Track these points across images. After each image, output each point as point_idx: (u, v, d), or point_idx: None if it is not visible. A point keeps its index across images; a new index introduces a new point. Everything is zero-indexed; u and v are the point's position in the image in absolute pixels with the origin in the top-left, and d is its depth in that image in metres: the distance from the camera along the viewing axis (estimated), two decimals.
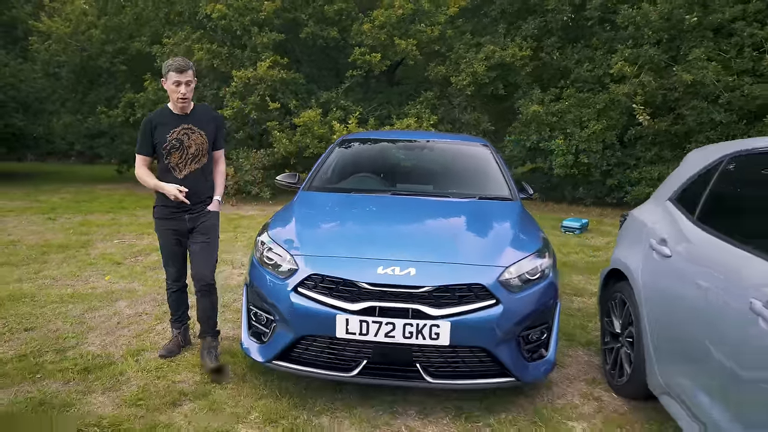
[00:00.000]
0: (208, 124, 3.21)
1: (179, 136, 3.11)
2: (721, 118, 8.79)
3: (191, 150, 3.14)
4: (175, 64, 3.05)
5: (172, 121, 3.12)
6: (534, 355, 2.74)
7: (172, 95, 3.08)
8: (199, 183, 3.19)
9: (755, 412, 1.76)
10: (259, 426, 2.55)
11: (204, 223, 3.20)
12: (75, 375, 3.01)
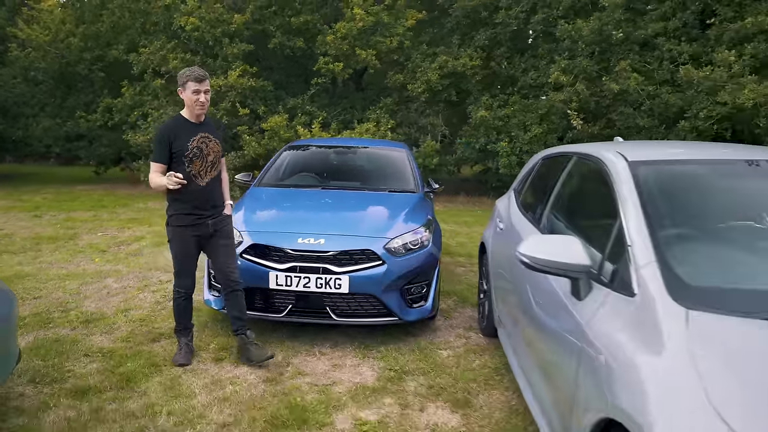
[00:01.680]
0: (218, 133, 3.49)
1: (199, 144, 3.31)
2: (644, 123, 10.11)
3: (210, 158, 3.36)
4: (194, 74, 3.23)
5: (191, 130, 3.30)
6: (415, 303, 3.92)
7: (191, 104, 3.26)
8: (217, 189, 3.46)
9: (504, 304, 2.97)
10: (215, 352, 3.69)
11: (225, 228, 3.48)
12: (78, 324, 4.12)
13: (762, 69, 9.37)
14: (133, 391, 3.13)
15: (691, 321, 1.56)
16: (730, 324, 1.53)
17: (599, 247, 2.19)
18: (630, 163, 2.38)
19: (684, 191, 2.25)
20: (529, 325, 2.67)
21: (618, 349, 1.72)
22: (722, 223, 2.14)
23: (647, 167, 2.34)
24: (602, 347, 1.80)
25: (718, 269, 1.88)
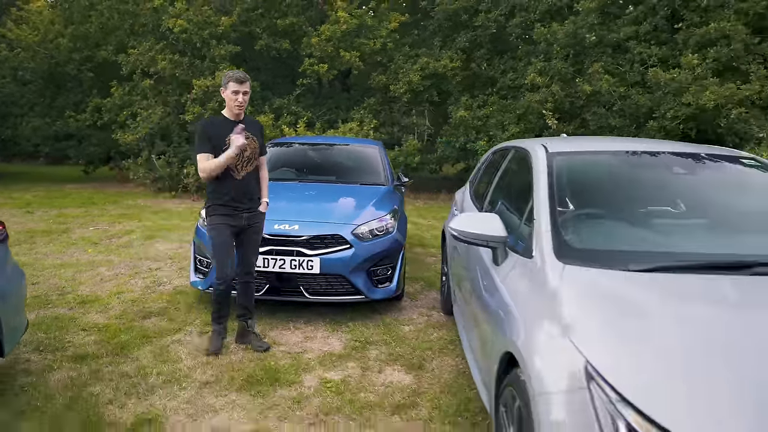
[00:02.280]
0: (257, 131, 3.74)
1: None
2: (616, 123, 10.64)
3: (246, 153, 3.59)
4: (236, 76, 3.53)
5: (228, 126, 3.56)
6: (381, 283, 4.39)
7: (231, 103, 3.55)
8: (252, 183, 3.69)
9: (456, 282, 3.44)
10: (200, 328, 4.15)
11: (257, 224, 3.74)
12: (75, 305, 4.56)
13: (725, 72, 9.95)
14: (127, 357, 3.59)
15: (565, 272, 2.05)
16: (592, 273, 2.02)
17: (518, 222, 2.68)
18: (549, 153, 2.87)
19: (586, 176, 2.75)
20: (469, 294, 3.15)
21: (517, 297, 2.21)
22: (615, 202, 2.63)
23: (561, 157, 2.84)
24: (510, 299, 2.28)
25: (598, 236, 2.38)
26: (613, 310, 1.80)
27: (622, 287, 1.92)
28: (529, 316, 2.03)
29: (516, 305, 2.18)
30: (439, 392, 3.23)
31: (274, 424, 2.87)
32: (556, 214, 2.40)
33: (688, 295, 1.89)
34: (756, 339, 1.63)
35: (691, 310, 1.80)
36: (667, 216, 2.56)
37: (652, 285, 1.94)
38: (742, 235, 2.42)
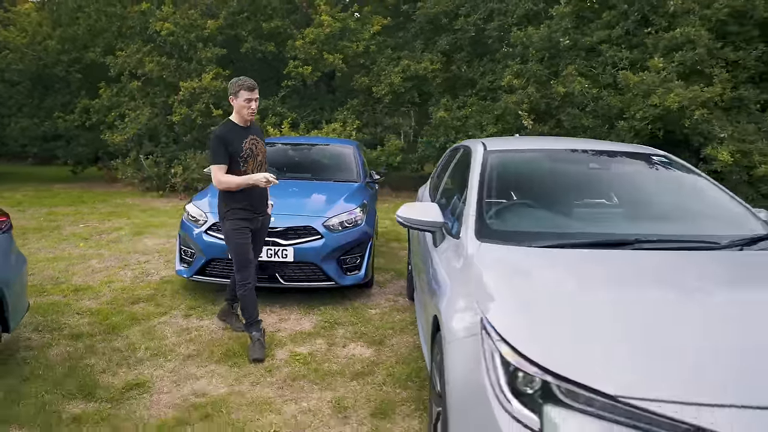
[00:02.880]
0: (262, 136, 3.95)
1: (250, 146, 3.74)
2: (589, 123, 11.18)
3: (259, 158, 3.83)
4: (246, 84, 3.65)
5: (242, 134, 3.72)
6: (350, 271, 4.85)
7: (242, 110, 3.67)
8: (264, 188, 3.87)
9: (415, 269, 3.92)
10: (185, 310, 4.60)
11: (265, 225, 4.03)
12: (69, 293, 4.99)
13: (691, 75, 10.50)
14: (118, 335, 4.03)
15: (480, 249, 2.53)
16: (501, 249, 2.50)
17: (457, 210, 3.16)
18: (486, 151, 3.36)
19: (514, 170, 3.24)
20: (421, 275, 3.63)
21: (447, 271, 2.68)
22: (534, 192, 3.12)
23: (495, 154, 3.32)
24: (442, 274, 2.76)
25: (514, 220, 2.87)
26: (511, 277, 2.28)
27: (522, 259, 2.40)
28: (451, 285, 2.51)
29: (445, 278, 2.66)
30: (394, 363, 3.71)
31: (247, 388, 3.33)
32: (482, 201, 2.87)
33: (573, 264, 2.37)
34: (620, 295, 2.11)
35: (572, 275, 2.28)
36: (578, 204, 3.05)
37: (547, 257, 2.42)
38: (637, 220, 2.92)
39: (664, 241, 2.59)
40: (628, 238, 2.56)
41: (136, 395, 3.19)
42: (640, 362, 1.73)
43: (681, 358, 1.74)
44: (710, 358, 1.75)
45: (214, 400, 3.14)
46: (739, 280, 2.31)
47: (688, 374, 1.69)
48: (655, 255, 2.47)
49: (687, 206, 3.06)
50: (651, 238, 2.59)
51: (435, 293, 2.74)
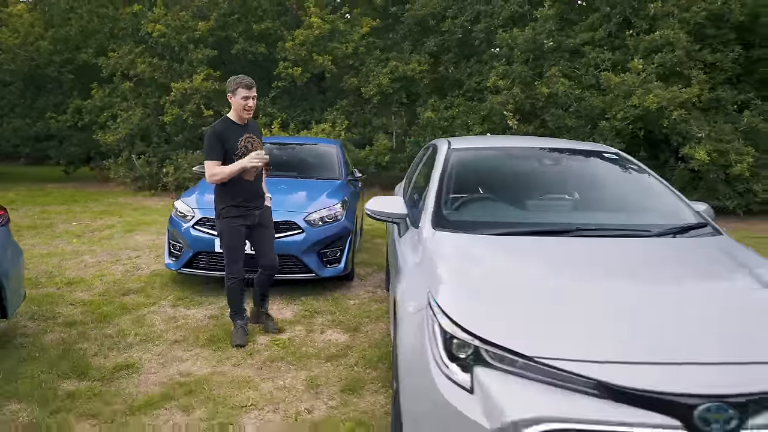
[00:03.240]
0: (258, 133, 4.06)
1: (245, 144, 3.86)
2: (572, 123, 11.50)
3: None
4: (244, 82, 3.74)
5: (238, 131, 3.84)
6: (330, 264, 5.14)
7: (239, 108, 3.78)
8: (260, 183, 4.03)
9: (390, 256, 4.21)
10: (173, 300, 4.88)
11: (267, 219, 4.10)
12: (62, 285, 5.27)
13: (671, 76, 10.84)
14: (109, 323, 4.31)
15: (434, 235, 2.83)
16: (452, 236, 2.79)
17: (420, 203, 3.45)
18: (450, 148, 3.66)
19: (473, 166, 3.55)
20: (391, 264, 3.93)
21: (406, 257, 2.98)
22: (490, 185, 3.42)
23: (458, 151, 3.62)
24: (402, 259, 3.05)
25: (468, 211, 3.18)
26: (457, 260, 2.58)
27: (469, 245, 2.70)
28: (408, 269, 2.80)
29: (404, 263, 2.95)
30: (367, 347, 4.00)
31: (228, 368, 3.61)
32: (441, 194, 3.18)
33: (515, 249, 2.67)
34: (550, 275, 2.42)
35: (512, 258, 2.58)
36: (530, 197, 3.35)
37: (493, 243, 2.72)
38: (583, 211, 3.23)
39: (603, 229, 2.89)
40: (570, 227, 2.86)
41: (126, 375, 3.47)
42: (555, 329, 2.03)
43: (590, 324, 2.05)
44: (615, 324, 2.06)
45: (197, 379, 3.43)
46: (658, 262, 2.62)
47: (594, 338, 1.99)
48: (592, 241, 2.77)
49: (631, 199, 3.36)
50: (591, 226, 2.89)
51: (397, 278, 3.04)
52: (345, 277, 5.41)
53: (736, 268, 2.51)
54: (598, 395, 1.83)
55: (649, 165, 10.96)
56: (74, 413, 2.98)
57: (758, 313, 2.15)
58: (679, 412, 1.77)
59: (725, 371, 1.87)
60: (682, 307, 2.18)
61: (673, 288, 2.39)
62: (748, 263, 2.53)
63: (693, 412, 1.76)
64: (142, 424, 2.90)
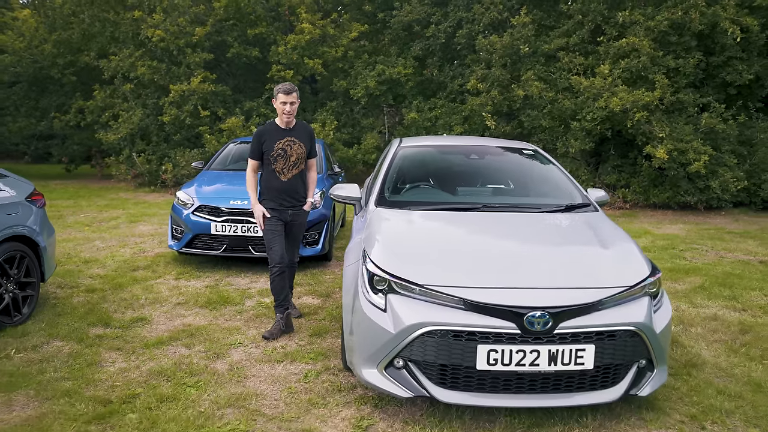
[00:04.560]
0: (306, 137, 4.29)
1: (283, 146, 4.16)
2: (546, 123, 12.51)
3: (292, 158, 4.21)
4: (283, 88, 4.06)
5: (278, 134, 4.17)
6: (309, 245, 6.15)
7: (279, 112, 4.14)
8: (298, 185, 4.32)
9: None
10: (175, 276, 5.88)
11: (300, 221, 4.41)
12: (80, 263, 6.28)
13: (638, 80, 11.85)
14: (123, 290, 5.32)
15: (375, 211, 3.84)
16: (388, 211, 3.80)
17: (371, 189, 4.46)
18: (399, 146, 4.67)
19: (415, 159, 4.55)
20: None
21: (356, 228, 3.99)
22: (425, 175, 4.43)
23: (405, 148, 4.64)
24: (355, 230, 4.06)
25: (403, 194, 4.19)
26: (387, 226, 3.59)
27: (399, 217, 3.71)
28: (355, 236, 3.81)
29: (354, 232, 3.96)
30: (334, 308, 5.00)
31: (222, 322, 4.61)
32: (385, 181, 4.19)
33: (432, 219, 3.69)
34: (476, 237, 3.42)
35: (427, 224, 3.59)
36: (456, 184, 4.36)
37: (417, 216, 3.73)
38: (494, 194, 4.25)
39: (503, 205, 3.91)
40: (477, 205, 3.88)
41: (140, 325, 4.47)
42: (442, 268, 3.04)
43: (466, 264, 3.07)
44: (484, 264, 3.07)
45: (196, 327, 4.43)
46: (534, 227, 3.64)
47: (466, 272, 3.00)
48: (493, 215, 3.79)
49: (536, 185, 4.38)
50: (494, 204, 3.91)
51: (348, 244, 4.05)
52: (324, 257, 6.42)
53: (586, 232, 3.52)
54: (463, 308, 2.84)
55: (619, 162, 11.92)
56: (103, 347, 3.98)
57: (580, 261, 3.17)
58: (514, 318, 2.78)
59: (547, 293, 2.88)
60: (534, 254, 3.22)
61: (534, 243, 3.41)
62: (598, 230, 3.53)
63: (523, 318, 2.77)
64: (155, 354, 3.90)
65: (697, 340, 4.30)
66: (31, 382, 3.40)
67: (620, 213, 11.44)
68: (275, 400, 3.27)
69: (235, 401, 3.22)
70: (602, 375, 2.87)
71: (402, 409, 3.14)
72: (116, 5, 15.34)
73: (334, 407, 3.18)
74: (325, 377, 3.57)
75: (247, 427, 2.94)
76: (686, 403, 3.26)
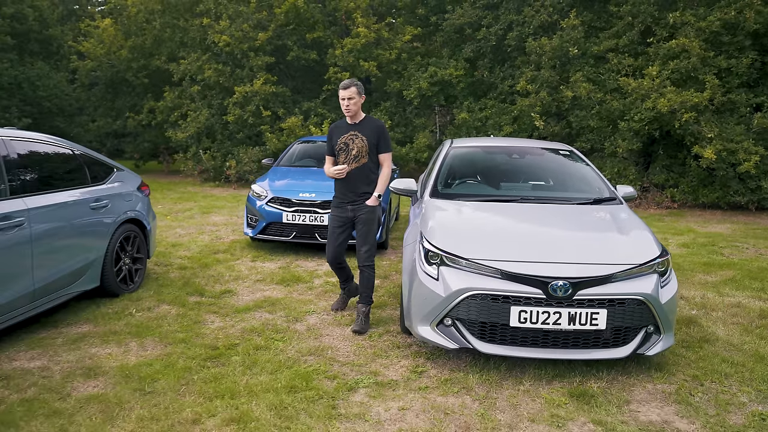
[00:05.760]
0: (372, 132, 4.36)
1: (346, 141, 4.36)
2: (594, 123, 12.97)
3: (353, 152, 4.35)
4: (342, 84, 4.24)
5: (344, 129, 4.40)
6: None
7: (342, 108, 4.39)
8: (359, 179, 4.38)
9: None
10: (251, 258, 6.83)
11: (361, 216, 4.42)
12: (168, 247, 7.32)
13: (688, 81, 12.17)
14: (209, 269, 6.29)
15: (430, 201, 4.62)
16: (441, 201, 4.58)
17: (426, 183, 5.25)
18: (451, 146, 5.44)
19: (464, 158, 5.31)
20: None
21: (413, 216, 4.79)
22: (472, 171, 5.17)
23: (456, 148, 5.40)
24: (412, 217, 4.85)
25: (454, 187, 4.94)
26: (440, 213, 4.36)
27: (450, 206, 4.48)
28: (412, 222, 4.61)
29: (412, 219, 4.76)
30: (392, 287, 5.81)
31: (295, 295, 5.49)
32: (438, 177, 4.96)
33: (478, 207, 4.44)
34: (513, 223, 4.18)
35: (474, 211, 4.35)
36: (499, 179, 5.09)
37: (465, 205, 4.49)
38: (532, 189, 4.95)
39: (539, 198, 4.63)
40: (516, 197, 4.61)
41: (228, 296, 5.40)
42: (485, 245, 3.79)
43: (506, 242, 3.81)
44: (520, 242, 3.82)
45: (275, 299, 5.32)
46: (565, 216, 4.33)
47: (505, 249, 3.75)
48: (529, 205, 4.51)
49: (568, 182, 5.06)
50: (530, 197, 4.63)
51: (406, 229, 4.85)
52: (380, 245, 7.24)
53: (607, 220, 4.20)
54: (500, 278, 3.59)
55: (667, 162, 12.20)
56: (202, 311, 4.92)
57: (598, 242, 3.88)
58: (540, 286, 3.51)
59: (569, 267, 3.59)
60: (560, 236, 3.94)
61: (561, 227, 4.13)
62: (618, 219, 4.21)
63: (547, 286, 3.50)
64: (244, 317, 4.80)
65: (716, 322, 4.87)
66: (154, 332, 4.35)
67: (667, 212, 11.79)
68: (346, 352, 4.10)
69: (315, 351, 4.07)
70: (614, 335, 3.57)
71: (449, 361, 3.92)
72: (185, 13, 16.66)
73: (394, 358, 3.99)
74: (386, 338, 4.38)
75: (326, 368, 3.78)
76: (692, 368, 3.90)
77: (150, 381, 3.50)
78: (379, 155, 4.47)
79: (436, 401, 3.37)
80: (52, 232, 4.27)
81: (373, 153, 4.42)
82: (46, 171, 4.58)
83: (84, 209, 4.71)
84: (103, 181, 5.20)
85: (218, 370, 3.71)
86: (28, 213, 4.02)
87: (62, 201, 4.47)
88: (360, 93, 4.37)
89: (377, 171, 4.50)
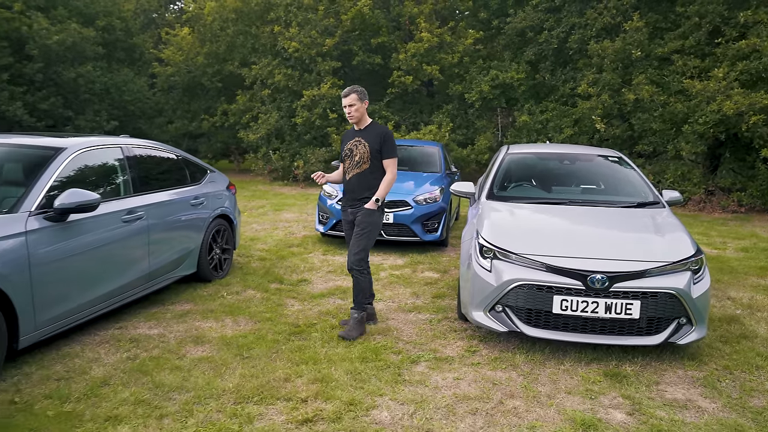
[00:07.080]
0: (374, 138, 4.46)
1: (351, 147, 4.54)
2: (657, 126, 13.09)
3: (356, 158, 4.50)
4: (342, 92, 4.36)
5: (350, 135, 4.57)
6: (430, 231, 7.63)
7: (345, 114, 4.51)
8: (360, 184, 4.51)
9: None
10: (322, 252, 7.60)
11: (359, 218, 4.53)
12: (247, 241, 8.20)
13: (758, 82, 12.12)
14: (285, 260, 7.10)
15: (486, 203, 5.22)
16: (497, 203, 5.17)
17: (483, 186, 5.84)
18: (506, 152, 6.01)
19: (519, 163, 5.87)
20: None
21: (470, 216, 5.40)
22: (527, 175, 5.72)
23: (512, 155, 5.97)
24: (470, 216, 5.47)
25: (509, 190, 5.51)
26: (496, 213, 4.95)
27: (505, 207, 5.06)
28: (470, 221, 5.22)
29: (469, 218, 5.38)
30: (450, 280, 6.43)
31: None
32: (494, 180, 5.55)
33: (531, 209, 5.00)
34: (560, 223, 4.73)
35: (528, 213, 4.92)
36: (551, 183, 5.62)
37: (519, 206, 5.06)
38: (581, 193, 5.46)
39: (586, 201, 5.14)
40: (564, 200, 5.14)
41: (304, 284, 6.17)
42: (533, 242, 4.37)
43: (552, 240, 4.37)
44: (564, 240, 4.37)
45: (346, 287, 6.05)
46: (609, 217, 4.83)
47: (551, 246, 4.31)
48: (576, 207, 5.04)
49: (615, 186, 5.53)
50: (578, 200, 5.15)
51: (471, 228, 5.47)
52: (441, 243, 7.87)
53: (647, 222, 4.68)
54: (545, 270, 4.16)
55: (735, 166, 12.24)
56: (283, 296, 5.70)
57: (635, 241, 4.37)
58: (580, 278, 4.06)
59: (606, 262, 4.11)
60: (601, 235, 4.47)
61: (603, 227, 4.64)
62: (657, 221, 4.67)
63: (587, 278, 4.04)
64: (320, 302, 5.54)
65: (759, 322, 5.23)
66: (244, 312, 5.15)
67: (733, 216, 11.80)
68: (410, 333, 4.76)
69: (382, 332, 4.75)
70: (647, 325, 4.07)
71: (499, 343, 4.52)
72: (257, 21, 17.81)
73: (451, 339, 4.62)
74: (444, 323, 5.02)
75: (392, 345, 4.45)
76: (725, 359, 4.33)
77: (246, 348, 4.28)
78: (383, 160, 4.51)
79: (486, 374, 3.98)
80: (163, 224, 5.15)
81: (377, 159, 4.48)
82: (157, 172, 5.48)
83: (186, 205, 5.59)
84: (199, 182, 6.08)
85: (301, 342, 4.45)
86: (147, 208, 4.91)
87: (170, 198, 5.36)
88: (361, 99, 4.44)
89: (381, 176, 4.54)
